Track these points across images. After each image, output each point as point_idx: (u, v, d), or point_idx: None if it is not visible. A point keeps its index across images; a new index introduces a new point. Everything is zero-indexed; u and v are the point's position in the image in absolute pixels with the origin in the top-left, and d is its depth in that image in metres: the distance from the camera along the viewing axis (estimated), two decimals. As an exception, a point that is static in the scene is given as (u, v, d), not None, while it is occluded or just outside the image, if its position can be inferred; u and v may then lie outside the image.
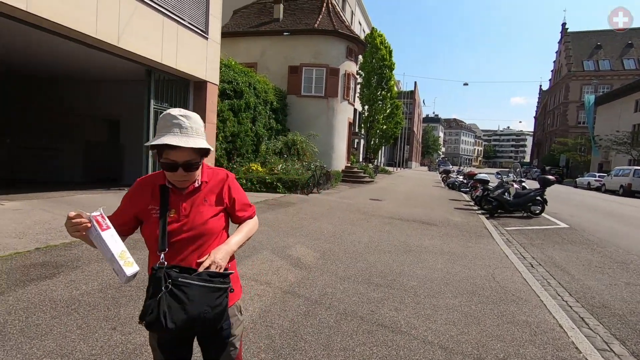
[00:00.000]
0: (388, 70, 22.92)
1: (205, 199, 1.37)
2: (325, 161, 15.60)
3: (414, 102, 53.35)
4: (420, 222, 7.89)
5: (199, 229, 1.32)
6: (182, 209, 1.31)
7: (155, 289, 1.16)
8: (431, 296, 3.62)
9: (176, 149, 1.20)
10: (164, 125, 1.23)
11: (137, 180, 1.38)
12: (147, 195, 1.32)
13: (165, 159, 1.23)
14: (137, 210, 1.34)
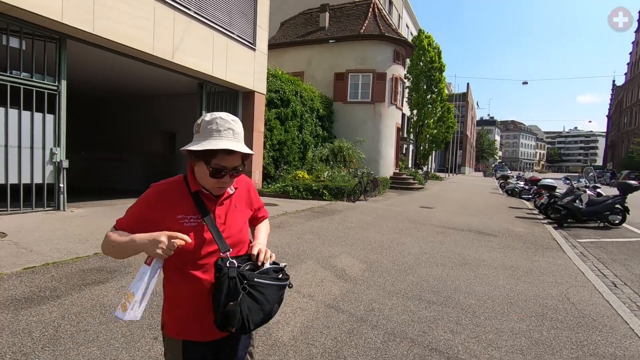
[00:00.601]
0: (437, 72, 22.04)
1: (236, 205, 1.32)
2: (372, 168, 15.25)
3: (467, 104, 50.79)
4: (477, 231, 7.28)
5: (235, 237, 1.28)
6: (217, 217, 1.24)
7: (232, 291, 1.11)
8: (493, 318, 3.21)
9: (231, 154, 1.16)
10: (215, 130, 1.16)
11: (153, 187, 1.22)
12: (173, 204, 1.19)
13: (216, 164, 1.15)
14: (157, 218, 1.18)
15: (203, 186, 1.22)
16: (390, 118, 17.28)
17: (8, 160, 5.70)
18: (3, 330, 2.48)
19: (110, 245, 1.16)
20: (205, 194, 1.23)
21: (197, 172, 1.20)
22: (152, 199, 1.21)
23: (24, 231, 4.88)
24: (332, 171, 12.49)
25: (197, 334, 1.21)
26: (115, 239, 1.15)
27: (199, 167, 1.18)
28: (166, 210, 1.18)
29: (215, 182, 1.19)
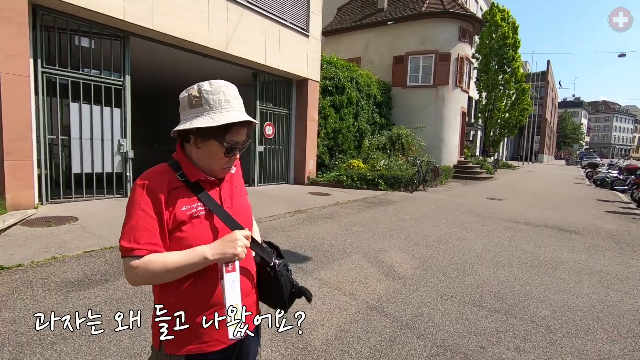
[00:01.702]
0: (512, 49, 19.78)
1: (236, 185, 1.19)
2: (433, 156, 14.28)
3: (547, 84, 45.39)
4: (556, 228, 6.31)
5: (244, 220, 1.13)
6: (224, 201, 1.10)
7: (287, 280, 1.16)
8: (573, 335, 2.62)
9: (244, 126, 1.04)
10: (224, 100, 1.01)
11: (142, 185, 0.99)
12: (171, 197, 1.00)
13: (231, 140, 1.01)
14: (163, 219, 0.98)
15: (205, 170, 1.06)
16: (454, 102, 15.96)
17: (82, 151, 6.25)
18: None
19: (161, 273, 0.93)
20: (206, 181, 1.06)
21: (200, 155, 1.03)
22: (147, 200, 0.97)
23: (92, 216, 5.30)
24: (389, 160, 11.90)
25: (207, 343, 1.02)
26: (169, 262, 0.93)
27: (207, 148, 1.01)
28: (167, 206, 0.98)
29: (227, 162, 1.04)
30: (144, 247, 0.94)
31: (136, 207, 0.96)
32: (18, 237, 4.18)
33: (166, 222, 0.98)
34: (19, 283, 3.03)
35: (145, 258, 0.92)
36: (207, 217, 1.02)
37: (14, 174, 5.15)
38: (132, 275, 0.94)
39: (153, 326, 1.04)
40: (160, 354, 1.02)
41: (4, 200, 5.00)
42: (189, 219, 0.99)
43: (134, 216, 0.96)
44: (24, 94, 5.17)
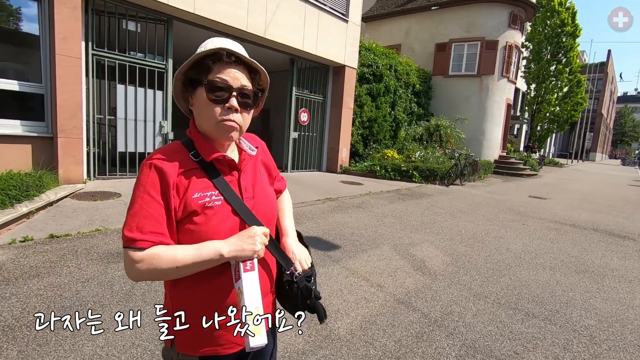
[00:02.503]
0: (569, 37, 18.24)
1: (260, 171, 1.04)
2: (473, 149, 13.65)
3: (605, 76, 41.76)
4: (606, 232, 5.83)
5: (266, 214, 0.99)
6: (244, 190, 0.95)
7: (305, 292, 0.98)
8: (621, 349, 2.41)
9: (235, 65, 0.89)
10: (209, 42, 0.91)
11: (149, 164, 0.86)
12: (182, 181, 0.87)
13: (215, 79, 0.86)
14: (171, 205, 0.85)
15: (208, 134, 0.92)
16: (499, 93, 15.06)
17: (127, 131, 6.56)
18: (92, 280, 2.77)
19: (169, 270, 0.81)
20: (223, 161, 0.93)
21: (199, 116, 0.91)
22: (155, 182, 0.85)
23: (134, 193, 5.58)
24: (425, 151, 11.52)
25: (223, 345, 0.92)
26: (178, 258, 0.81)
27: (198, 102, 0.89)
28: (178, 192, 0.86)
29: (220, 114, 0.87)
30: (148, 237, 0.81)
31: (141, 191, 0.84)
32: (67, 208, 4.48)
33: (174, 209, 0.85)
34: (66, 251, 3.25)
35: (150, 251, 0.80)
36: (222, 208, 0.89)
37: (66, 151, 5.51)
38: (132, 270, 0.81)
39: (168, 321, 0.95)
40: (172, 351, 0.94)
41: (56, 174, 5.37)
42: (202, 209, 0.86)
43: (138, 201, 0.83)
44: (76, 74, 5.47)
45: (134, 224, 0.82)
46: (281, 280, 1.02)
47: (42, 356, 1.90)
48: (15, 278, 2.70)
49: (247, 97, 0.90)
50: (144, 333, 2.16)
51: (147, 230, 0.81)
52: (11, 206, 3.96)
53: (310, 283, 0.99)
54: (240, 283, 0.83)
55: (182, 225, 0.87)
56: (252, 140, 1.06)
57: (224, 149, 0.96)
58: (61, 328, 2.11)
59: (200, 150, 0.91)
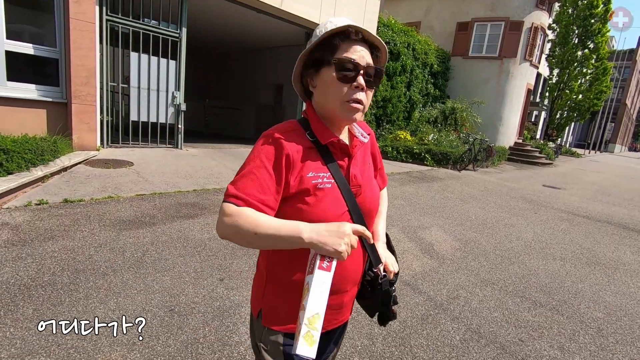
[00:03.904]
0: (599, 21, 17.28)
1: (368, 161, 1.02)
2: (489, 134, 13.35)
3: (633, 64, 39.89)
4: (621, 225, 5.71)
5: (370, 206, 0.96)
6: (352, 177, 0.91)
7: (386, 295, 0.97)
8: (628, 343, 2.39)
9: (362, 44, 0.87)
10: (330, 22, 0.87)
11: (268, 135, 0.86)
12: (300, 158, 0.85)
13: (342, 58, 0.84)
14: (282, 179, 0.83)
15: (329, 115, 0.90)
16: (520, 77, 14.52)
17: (140, 100, 6.54)
18: (105, 246, 2.82)
19: (247, 233, 0.77)
20: (337, 145, 0.90)
21: (320, 98, 0.89)
22: (270, 153, 0.83)
23: (146, 163, 5.62)
24: (439, 134, 11.30)
25: None
26: (259, 225, 0.77)
27: (321, 83, 0.87)
28: (293, 168, 0.84)
29: (347, 93, 0.84)
30: (248, 197, 0.79)
31: (255, 158, 0.84)
32: (81, 175, 4.54)
33: (285, 185, 0.83)
34: (79, 216, 3.31)
35: (240, 209, 0.78)
36: (332, 191, 0.86)
37: (80, 117, 5.53)
38: (220, 223, 0.79)
39: (254, 290, 0.99)
40: (257, 323, 0.95)
41: (70, 140, 5.43)
42: (314, 189, 0.84)
43: (250, 164, 0.83)
44: (90, 39, 5.41)
45: (239, 183, 0.82)
46: (363, 278, 0.99)
47: (56, 315, 1.96)
48: (30, 239, 2.77)
49: (371, 75, 0.87)
50: (154, 299, 2.21)
51: (249, 192, 0.80)
52: (27, 170, 4.03)
53: (392, 289, 0.96)
54: (311, 279, 0.74)
55: (292, 202, 0.85)
56: (364, 127, 1.02)
57: (339, 132, 0.94)
58: (75, 290, 2.17)
59: (316, 132, 0.89)
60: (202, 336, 1.95)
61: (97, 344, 1.78)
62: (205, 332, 1.98)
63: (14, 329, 1.82)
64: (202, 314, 2.13)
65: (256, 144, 0.87)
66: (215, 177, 5.44)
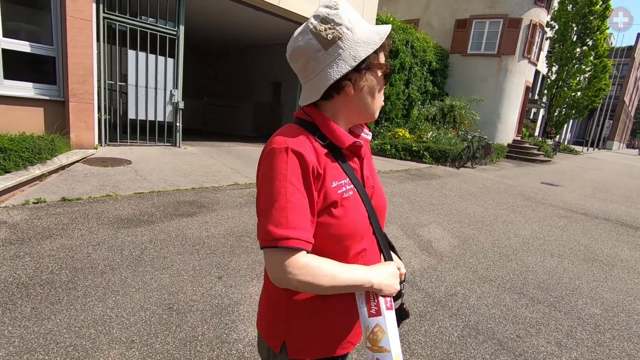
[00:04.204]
0: (598, 18, 17.27)
1: (371, 159, 0.96)
2: (487, 131, 13.39)
3: (632, 61, 39.95)
4: (618, 222, 5.73)
5: (382, 206, 0.91)
6: (366, 179, 0.86)
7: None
8: (625, 339, 2.40)
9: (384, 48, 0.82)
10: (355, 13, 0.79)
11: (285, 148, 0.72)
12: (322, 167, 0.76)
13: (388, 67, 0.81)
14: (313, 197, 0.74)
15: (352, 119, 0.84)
16: (518, 75, 14.54)
17: (138, 98, 6.52)
18: (103, 244, 2.82)
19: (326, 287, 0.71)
20: (351, 147, 0.81)
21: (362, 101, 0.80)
22: (295, 169, 0.71)
23: (144, 161, 5.61)
24: (438, 132, 11.31)
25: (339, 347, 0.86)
26: (337, 278, 0.71)
27: (368, 86, 0.79)
28: (318, 182, 0.75)
29: (377, 101, 0.83)
30: (301, 235, 0.69)
31: (282, 179, 0.70)
32: (79, 173, 4.53)
33: (315, 202, 0.74)
34: (77, 215, 3.31)
35: (307, 259, 0.69)
36: (355, 199, 0.80)
37: (78, 116, 5.51)
38: (284, 275, 0.68)
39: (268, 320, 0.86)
40: (280, 357, 0.84)
41: (68, 138, 5.41)
42: (341, 200, 0.76)
43: (281, 192, 0.69)
44: (87, 37, 5.39)
45: (282, 218, 0.68)
46: None
47: (55, 314, 1.96)
48: (28, 238, 2.76)
49: None
50: (153, 297, 2.21)
51: (299, 226, 0.69)
52: (24, 168, 4.02)
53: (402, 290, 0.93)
54: (383, 320, 0.74)
55: (318, 218, 0.75)
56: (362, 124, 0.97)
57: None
58: (73, 289, 2.17)
59: (331, 135, 0.79)
60: (200, 334, 1.95)
61: (96, 342, 1.79)
62: (204, 329, 1.99)
63: (12, 327, 1.82)
64: (200, 311, 2.14)
65: (274, 158, 0.71)
66: (214, 175, 5.44)
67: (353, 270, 0.75)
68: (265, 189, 0.71)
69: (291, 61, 0.81)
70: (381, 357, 0.73)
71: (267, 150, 0.74)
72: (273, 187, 0.70)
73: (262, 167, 0.74)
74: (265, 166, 0.73)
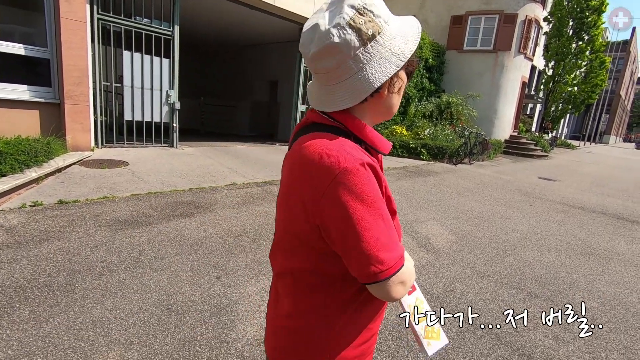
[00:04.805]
0: (594, 13, 17.28)
1: None
2: (484, 128, 13.39)
3: (627, 56, 40.07)
4: (615, 216, 5.76)
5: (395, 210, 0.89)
6: (385, 187, 0.78)
7: None
8: (622, 332, 2.42)
9: None
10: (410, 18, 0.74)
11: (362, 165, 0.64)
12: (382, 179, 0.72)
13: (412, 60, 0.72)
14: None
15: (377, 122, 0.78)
16: (515, 70, 14.55)
17: (134, 99, 6.50)
18: (101, 246, 2.82)
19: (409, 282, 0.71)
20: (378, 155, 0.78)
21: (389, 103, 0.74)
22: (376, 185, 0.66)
23: (141, 162, 5.60)
24: (435, 129, 11.32)
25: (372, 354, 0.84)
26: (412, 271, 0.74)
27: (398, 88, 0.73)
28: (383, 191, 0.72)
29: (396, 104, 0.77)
30: (401, 252, 0.68)
31: (377, 201, 0.64)
32: (76, 175, 4.52)
33: None
34: (74, 217, 3.30)
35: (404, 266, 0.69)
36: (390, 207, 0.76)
37: (74, 118, 5.49)
38: (404, 290, 0.70)
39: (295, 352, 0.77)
40: None
41: (64, 141, 5.39)
42: (392, 211, 0.75)
43: (382, 215, 0.65)
44: (81, 38, 5.36)
45: (392, 242, 0.66)
46: None
47: (53, 317, 1.96)
48: (26, 241, 2.76)
49: None
50: (151, 298, 2.21)
51: (398, 244, 0.68)
52: (20, 171, 4.00)
53: None
54: (418, 293, 0.90)
55: None
56: None
57: None
58: (71, 291, 2.17)
59: (374, 142, 0.73)
60: (199, 334, 1.95)
61: (95, 344, 1.79)
62: (203, 329, 1.99)
63: (10, 330, 1.82)
64: (199, 312, 2.14)
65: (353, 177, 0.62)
66: (212, 175, 5.43)
67: (409, 262, 0.75)
68: (356, 218, 0.62)
69: (317, 60, 0.67)
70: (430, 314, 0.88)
71: (334, 171, 0.62)
72: (368, 212, 0.63)
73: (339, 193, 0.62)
74: (343, 192, 0.62)
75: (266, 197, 4.68)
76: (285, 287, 0.79)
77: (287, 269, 0.77)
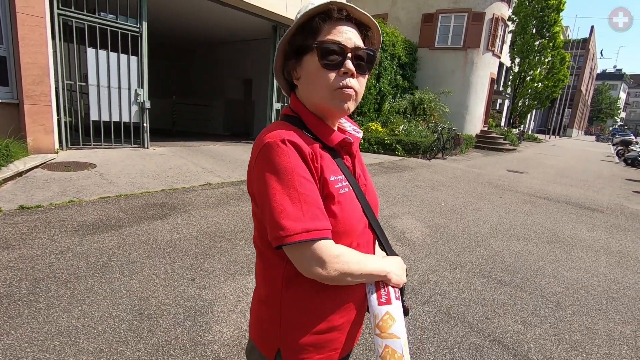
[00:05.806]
0: (554, 12, 18.13)
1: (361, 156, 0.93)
2: (456, 123, 13.77)
3: (586, 53, 42.23)
4: (577, 205, 6.08)
5: (376, 202, 0.89)
6: (358, 177, 0.84)
7: None
8: (584, 313, 2.56)
9: (347, 22, 0.74)
10: (310, 4, 0.75)
11: (283, 141, 0.68)
12: (319, 161, 0.74)
13: (327, 41, 0.71)
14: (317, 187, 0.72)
15: (318, 109, 0.77)
16: (483, 67, 15.04)
17: (100, 99, 6.24)
18: (67, 252, 2.69)
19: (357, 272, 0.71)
20: (342, 143, 0.79)
21: (309, 88, 0.75)
22: (297, 161, 0.69)
23: (109, 164, 5.39)
24: (409, 125, 11.53)
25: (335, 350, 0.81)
26: (363, 262, 0.73)
27: (307, 72, 0.74)
28: (317, 174, 0.73)
29: (335, 80, 0.72)
30: (326, 226, 0.68)
31: (287, 172, 0.67)
32: (38, 179, 4.30)
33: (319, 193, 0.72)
34: (37, 223, 3.14)
35: (340, 248, 0.70)
36: (350, 195, 0.77)
37: (35, 119, 5.21)
38: (322, 266, 0.67)
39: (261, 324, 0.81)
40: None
41: (25, 143, 5.11)
42: (337, 195, 0.74)
43: (290, 185, 0.66)
44: (40, 35, 5.09)
45: (298, 211, 0.65)
46: None
47: (14, 328, 1.85)
48: (-17, 250, 2.59)
49: (362, 58, 0.75)
50: (122, 304, 2.14)
51: (317, 216, 0.67)
52: (-24, 176, 3.76)
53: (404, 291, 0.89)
54: (392, 308, 0.76)
55: None
56: (350, 121, 0.93)
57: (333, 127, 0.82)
58: (34, 301, 2.06)
59: (318, 132, 0.77)
60: (173, 338, 1.91)
61: (61, 354, 1.71)
62: (177, 333, 1.95)
63: (-33, 345, 1.71)
64: (173, 315, 2.09)
65: (272, 153, 0.68)
66: (185, 175, 5.30)
67: (375, 260, 0.76)
68: (269, 187, 0.67)
69: None
70: (391, 343, 0.74)
71: (259, 146, 0.70)
72: (279, 182, 0.67)
73: (259, 165, 0.69)
74: (262, 163, 0.68)
75: (242, 196, 4.62)
76: (256, 262, 0.85)
77: (255, 243, 0.83)
